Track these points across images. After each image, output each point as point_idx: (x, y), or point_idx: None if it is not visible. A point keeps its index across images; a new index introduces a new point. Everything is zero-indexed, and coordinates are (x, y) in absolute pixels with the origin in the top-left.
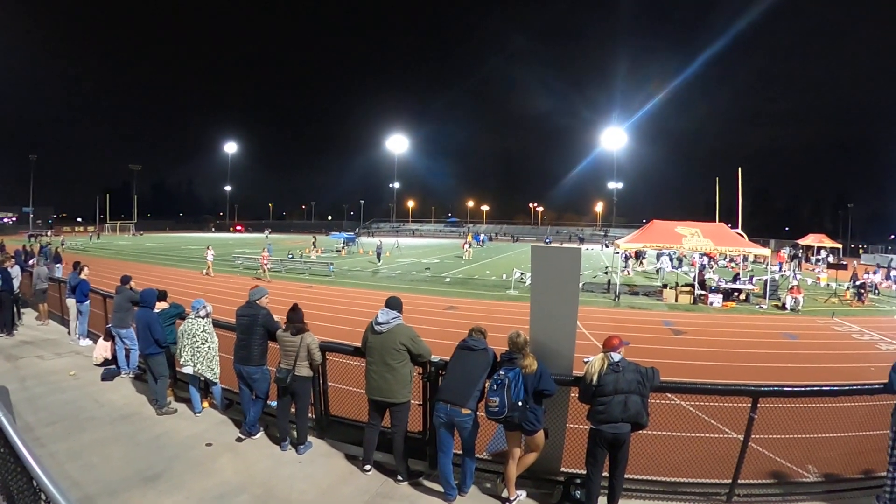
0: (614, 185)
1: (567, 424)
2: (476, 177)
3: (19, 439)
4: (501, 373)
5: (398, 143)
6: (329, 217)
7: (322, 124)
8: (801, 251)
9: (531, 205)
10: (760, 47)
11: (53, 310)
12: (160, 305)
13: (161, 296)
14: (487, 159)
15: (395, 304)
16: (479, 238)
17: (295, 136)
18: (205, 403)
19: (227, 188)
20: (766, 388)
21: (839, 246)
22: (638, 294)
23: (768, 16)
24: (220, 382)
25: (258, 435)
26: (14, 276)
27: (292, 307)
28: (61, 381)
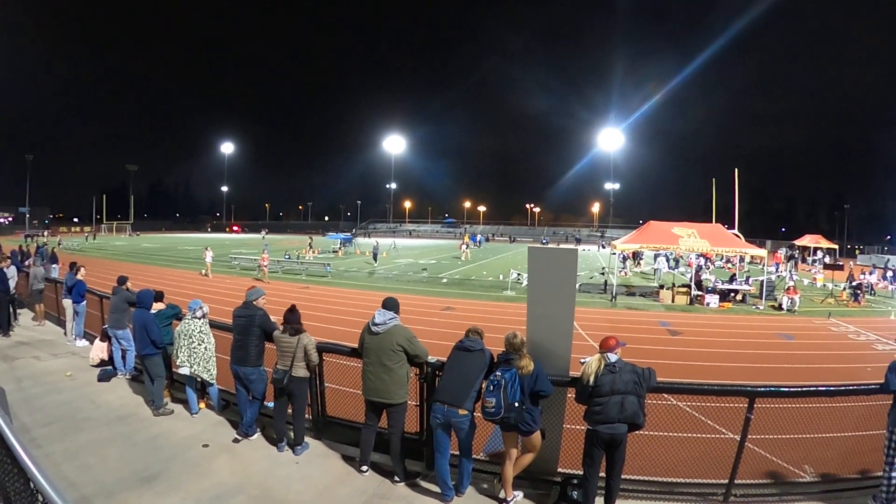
0: (611, 185)
1: (564, 425)
2: (473, 177)
3: (16, 440)
4: (498, 373)
5: (395, 144)
6: (326, 218)
7: (319, 125)
8: (797, 252)
9: (528, 205)
10: (757, 49)
11: (50, 310)
12: (157, 306)
13: (158, 296)
14: (484, 160)
15: (391, 305)
16: (475, 239)
17: (292, 136)
18: (202, 404)
19: (224, 189)
20: (763, 389)
21: (835, 247)
22: (634, 295)
23: (765, 17)
24: (217, 383)
25: (255, 436)
26: (10, 276)
27: (290, 308)
28: (58, 382)
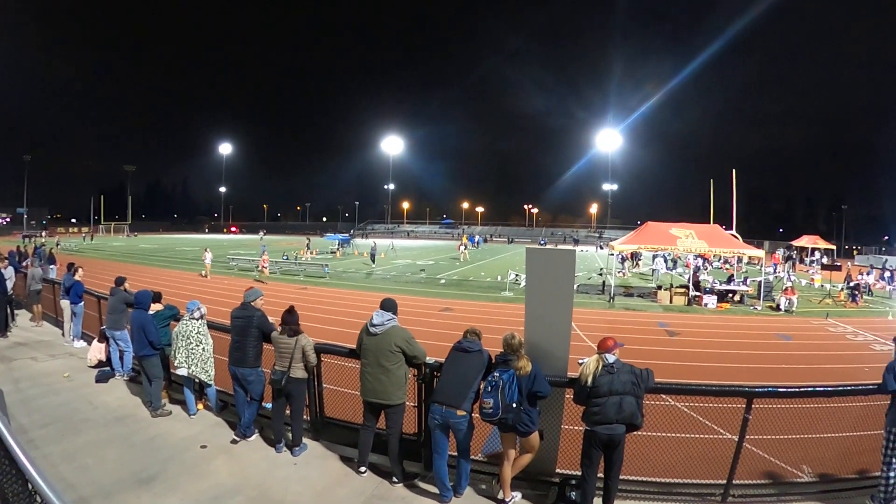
0: (609, 186)
1: (562, 426)
2: (471, 178)
3: (14, 442)
4: (496, 374)
5: (393, 145)
6: (324, 218)
7: (317, 126)
8: (795, 252)
9: (526, 206)
10: (755, 50)
11: (48, 311)
12: (155, 307)
13: (156, 297)
14: (482, 161)
15: (389, 306)
16: (473, 239)
17: (290, 137)
18: (199, 405)
19: (222, 189)
20: (761, 389)
21: (833, 247)
22: (633, 295)
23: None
24: (215, 384)
25: (253, 437)
26: (8, 277)
27: (288, 309)
28: (55, 383)
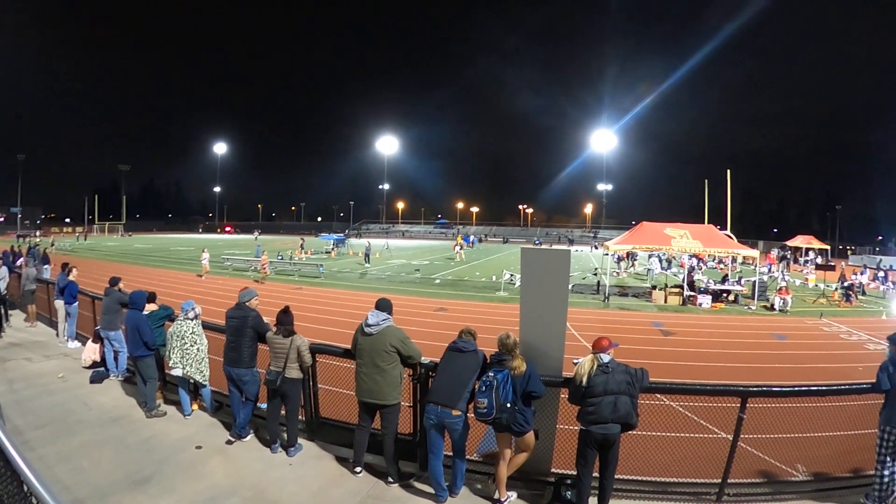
0: (604, 186)
1: (557, 425)
2: (466, 178)
3: (9, 443)
4: (490, 374)
5: (388, 145)
6: (319, 218)
7: (312, 125)
8: (789, 252)
9: (521, 206)
10: (749, 50)
11: (42, 311)
12: (149, 307)
13: (150, 298)
14: (477, 161)
15: (384, 306)
16: (468, 239)
17: (284, 137)
18: (194, 406)
19: (217, 189)
20: (755, 388)
21: (827, 247)
22: (627, 295)
23: (758, 19)
24: (210, 385)
25: (248, 437)
26: (1, 277)
27: (283, 309)
28: (50, 384)
